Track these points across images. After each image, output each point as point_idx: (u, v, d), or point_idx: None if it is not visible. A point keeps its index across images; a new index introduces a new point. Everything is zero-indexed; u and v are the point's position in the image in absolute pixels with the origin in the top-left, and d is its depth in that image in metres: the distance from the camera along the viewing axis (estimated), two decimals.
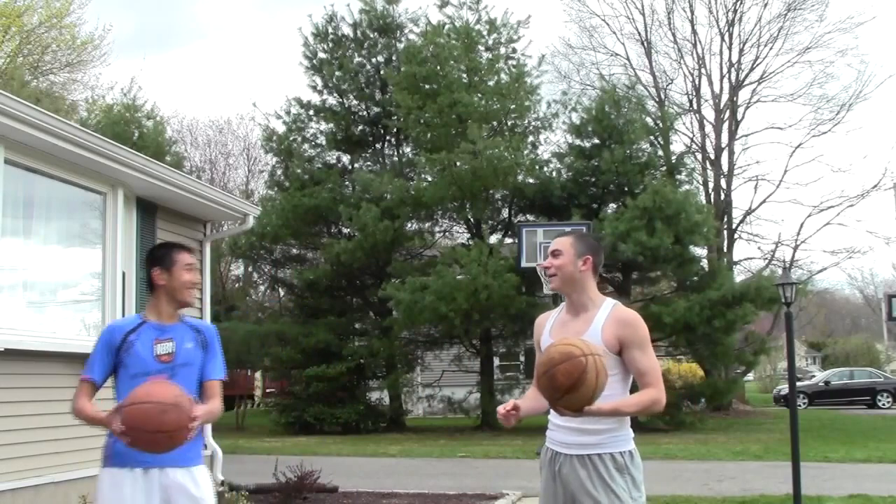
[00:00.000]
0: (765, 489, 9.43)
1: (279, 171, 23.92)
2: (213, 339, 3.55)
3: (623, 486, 3.14)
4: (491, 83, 21.01)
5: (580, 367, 2.86)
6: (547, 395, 2.97)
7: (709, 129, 31.24)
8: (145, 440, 3.06)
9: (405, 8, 24.20)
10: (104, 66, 41.47)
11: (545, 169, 21.91)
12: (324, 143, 23.77)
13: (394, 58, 22.92)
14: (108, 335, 3.42)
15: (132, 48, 63.66)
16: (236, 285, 29.65)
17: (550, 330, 3.36)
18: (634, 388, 3.27)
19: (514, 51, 21.99)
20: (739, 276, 27.60)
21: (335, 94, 23.53)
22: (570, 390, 2.87)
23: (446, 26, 21.32)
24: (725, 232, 29.02)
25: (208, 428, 8.81)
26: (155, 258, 3.48)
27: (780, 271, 21.98)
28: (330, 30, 23.26)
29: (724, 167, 30.28)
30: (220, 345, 3.58)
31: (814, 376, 37.38)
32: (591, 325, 3.24)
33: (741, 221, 30.70)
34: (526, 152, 21.31)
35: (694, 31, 31.46)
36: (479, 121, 19.69)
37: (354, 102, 23.56)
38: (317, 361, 20.14)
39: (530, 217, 22.13)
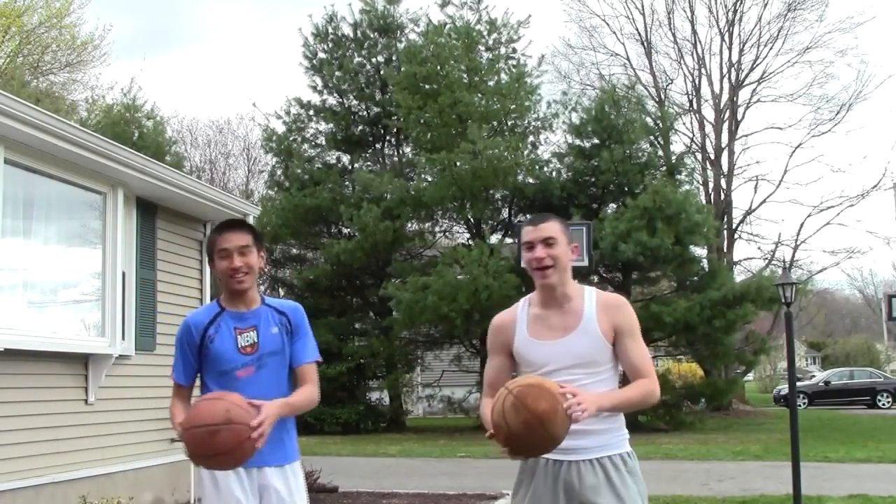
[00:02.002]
0: (765, 489, 9.43)
1: (279, 172, 23.93)
2: (301, 320, 3.23)
3: (636, 490, 2.91)
4: (491, 83, 21.00)
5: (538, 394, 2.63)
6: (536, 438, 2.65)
7: (709, 129, 31.27)
8: (210, 464, 2.90)
9: (406, 8, 24.27)
10: (104, 67, 41.44)
11: (545, 169, 21.92)
12: (324, 143, 23.79)
13: (394, 58, 22.91)
14: (185, 334, 3.16)
15: (132, 48, 63.67)
16: None
17: (528, 328, 2.98)
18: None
19: (515, 51, 22.00)
20: (739, 276, 27.63)
21: (335, 95, 23.53)
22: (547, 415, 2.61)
23: (447, 26, 21.32)
24: (725, 232, 29.03)
25: None
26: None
27: (779, 271, 21.98)
28: (330, 30, 23.26)
29: (724, 167, 30.30)
30: (308, 323, 3.27)
31: (814, 376, 37.38)
32: (581, 316, 2.92)
33: (741, 221, 30.74)
34: (526, 152, 21.30)
35: (694, 31, 31.49)
36: (480, 121, 19.68)
37: (354, 102, 23.56)
38: None
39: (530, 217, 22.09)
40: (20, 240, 6.58)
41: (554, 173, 21.76)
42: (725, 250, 28.45)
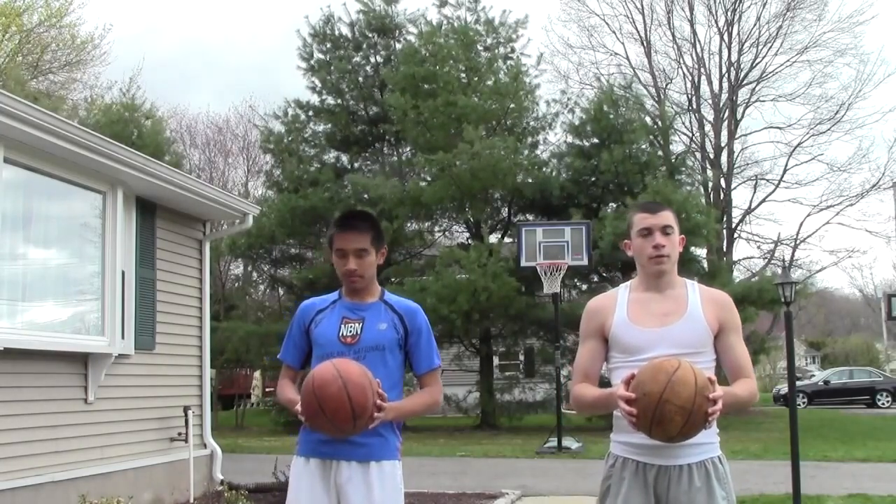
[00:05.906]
0: (764, 489, 9.42)
1: (277, 172, 23.91)
2: (417, 325, 3.11)
3: (726, 500, 2.77)
4: (490, 83, 20.97)
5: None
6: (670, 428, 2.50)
7: (708, 128, 31.30)
8: (325, 414, 2.77)
9: (404, 8, 24.22)
10: (104, 66, 41.37)
11: (545, 169, 21.90)
12: (323, 143, 23.76)
13: (393, 58, 22.89)
14: (300, 313, 3.17)
15: (132, 47, 63.56)
16: (236, 285, 29.61)
17: (627, 311, 2.85)
18: None
19: (513, 50, 21.99)
20: (739, 275, 27.64)
21: (334, 95, 23.50)
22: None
23: (444, 26, 21.30)
24: (725, 231, 29.05)
25: (207, 426, 8.83)
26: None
27: (779, 271, 21.99)
28: (327, 31, 23.24)
29: (724, 166, 30.32)
30: (429, 327, 3.17)
31: (813, 375, 37.41)
32: (686, 305, 2.83)
33: (741, 221, 30.77)
34: (525, 152, 21.27)
35: (693, 31, 31.53)
36: (478, 121, 19.63)
37: (353, 103, 23.53)
38: None
39: (529, 217, 22.10)
40: (20, 239, 6.58)
41: (553, 173, 21.74)
42: (725, 250, 28.47)
